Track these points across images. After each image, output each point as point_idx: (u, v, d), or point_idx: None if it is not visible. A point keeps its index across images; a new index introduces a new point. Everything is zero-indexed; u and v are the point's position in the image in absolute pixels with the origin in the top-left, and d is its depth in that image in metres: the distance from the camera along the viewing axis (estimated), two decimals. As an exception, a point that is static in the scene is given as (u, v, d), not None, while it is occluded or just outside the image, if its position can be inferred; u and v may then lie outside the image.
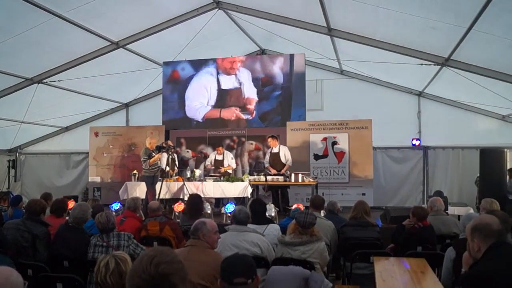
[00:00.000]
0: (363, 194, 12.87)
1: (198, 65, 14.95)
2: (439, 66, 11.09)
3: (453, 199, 13.27)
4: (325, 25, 11.16)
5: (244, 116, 14.54)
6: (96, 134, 15.24)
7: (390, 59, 11.50)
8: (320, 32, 11.54)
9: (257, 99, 14.49)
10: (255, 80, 14.51)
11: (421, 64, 11.13)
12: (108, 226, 5.56)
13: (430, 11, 8.68)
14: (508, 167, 13.07)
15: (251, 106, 14.50)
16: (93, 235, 5.76)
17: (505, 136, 14.09)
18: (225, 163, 12.59)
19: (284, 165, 11.96)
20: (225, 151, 12.87)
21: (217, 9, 11.93)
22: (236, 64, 14.65)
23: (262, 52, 16.26)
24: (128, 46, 12.50)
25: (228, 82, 14.71)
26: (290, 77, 14.25)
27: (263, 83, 14.44)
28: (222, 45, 14.69)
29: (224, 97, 14.72)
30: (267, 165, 12.26)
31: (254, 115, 14.50)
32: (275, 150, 12.13)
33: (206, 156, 14.11)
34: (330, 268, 6.67)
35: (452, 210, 10.90)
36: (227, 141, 14.00)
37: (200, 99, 14.90)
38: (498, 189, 11.58)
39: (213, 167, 12.58)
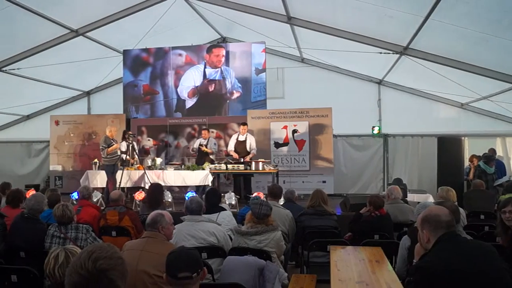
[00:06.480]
0: (324, 182, 13.02)
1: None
2: (398, 55, 11.20)
3: (412, 186, 13.52)
4: (285, 14, 11.20)
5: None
6: (57, 123, 15.00)
7: (349, 48, 11.54)
8: (280, 21, 11.56)
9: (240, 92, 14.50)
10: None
11: (380, 53, 11.25)
12: (63, 220, 5.46)
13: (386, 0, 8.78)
14: (469, 155, 13.32)
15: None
16: (51, 225, 5.64)
17: (464, 124, 14.35)
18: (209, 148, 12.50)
19: (249, 153, 11.97)
20: (210, 137, 12.78)
21: (177, -3, 11.82)
22: (220, 57, 14.52)
23: (223, 40, 16.17)
24: (88, 34, 12.31)
25: (213, 74, 14.65)
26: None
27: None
28: (183, 33, 14.57)
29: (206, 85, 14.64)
30: (230, 149, 12.20)
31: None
32: (241, 138, 12.13)
33: (167, 145, 14.05)
34: (289, 256, 6.73)
35: (411, 197, 11.08)
36: (188, 130, 13.88)
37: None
38: (456, 177, 11.87)
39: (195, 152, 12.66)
